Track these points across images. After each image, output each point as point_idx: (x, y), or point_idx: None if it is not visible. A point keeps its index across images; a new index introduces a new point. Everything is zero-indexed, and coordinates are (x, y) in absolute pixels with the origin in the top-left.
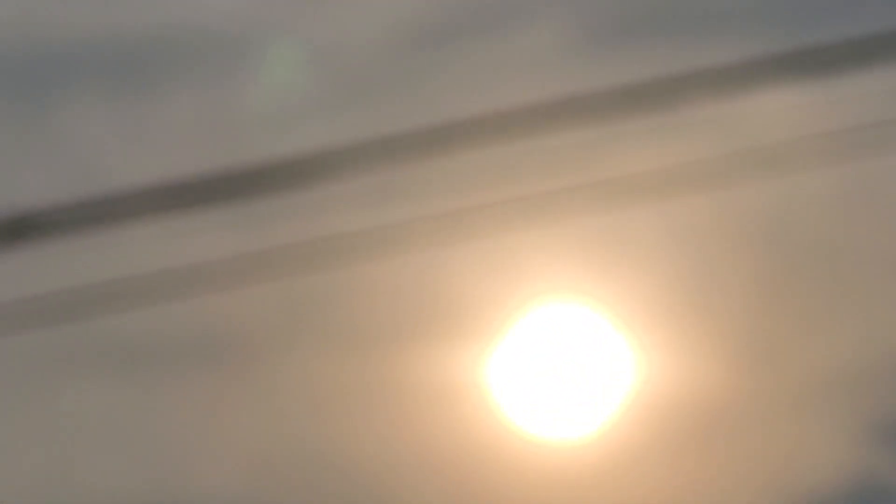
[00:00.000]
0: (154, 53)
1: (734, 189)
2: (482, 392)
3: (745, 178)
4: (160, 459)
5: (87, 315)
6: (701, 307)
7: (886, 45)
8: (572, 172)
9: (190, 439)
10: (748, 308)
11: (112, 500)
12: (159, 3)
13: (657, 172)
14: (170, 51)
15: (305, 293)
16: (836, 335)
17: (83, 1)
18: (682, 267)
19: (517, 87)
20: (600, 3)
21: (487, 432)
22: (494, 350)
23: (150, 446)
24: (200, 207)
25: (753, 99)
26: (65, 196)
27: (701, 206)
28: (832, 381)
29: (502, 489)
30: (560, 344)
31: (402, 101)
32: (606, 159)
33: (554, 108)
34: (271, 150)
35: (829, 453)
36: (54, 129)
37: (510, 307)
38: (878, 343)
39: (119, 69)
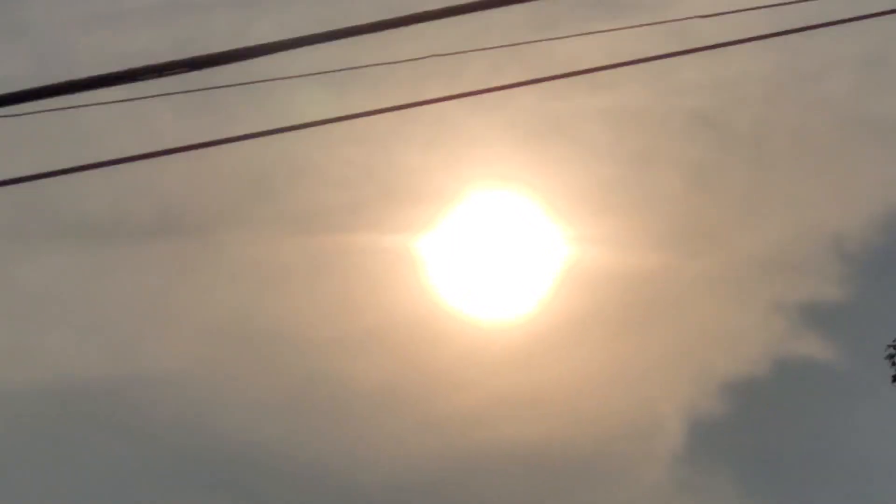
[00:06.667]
0: None
1: (670, 77)
2: (421, 274)
3: (681, 66)
4: (114, 332)
5: (45, 190)
6: (637, 194)
7: None
8: (512, 61)
9: (144, 312)
10: (683, 194)
11: (67, 372)
12: None
13: (596, 61)
14: None
15: (258, 174)
16: (765, 221)
17: None
18: (619, 153)
19: None
20: None
21: (426, 313)
22: (433, 233)
23: (103, 318)
24: (159, 88)
25: None
26: (28, 73)
27: (638, 95)
28: (759, 265)
29: (442, 368)
30: (497, 229)
31: None
32: (546, 48)
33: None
34: (228, 36)
35: (755, 330)
36: (18, 13)
37: (450, 193)
38: (803, 229)
39: None
